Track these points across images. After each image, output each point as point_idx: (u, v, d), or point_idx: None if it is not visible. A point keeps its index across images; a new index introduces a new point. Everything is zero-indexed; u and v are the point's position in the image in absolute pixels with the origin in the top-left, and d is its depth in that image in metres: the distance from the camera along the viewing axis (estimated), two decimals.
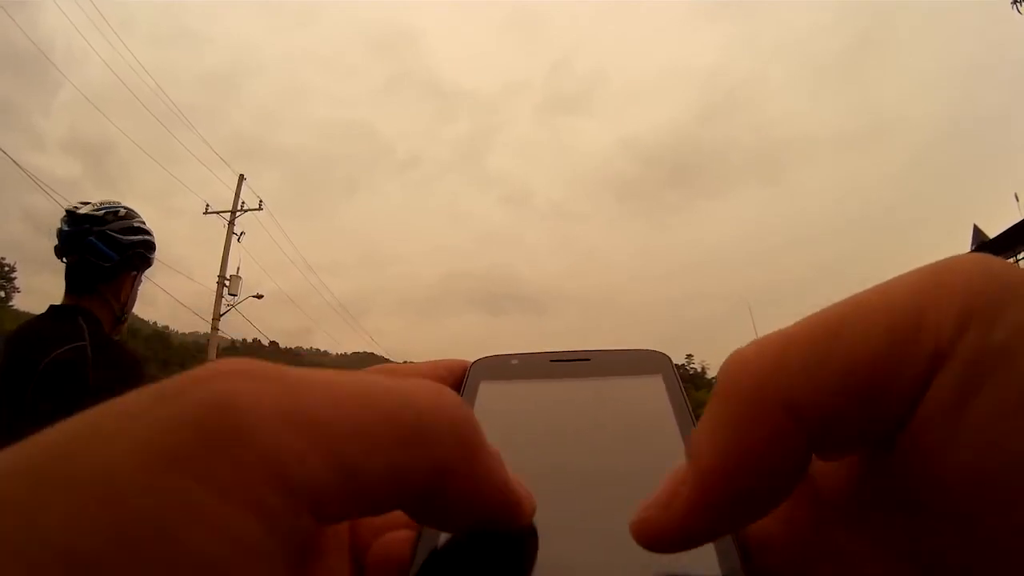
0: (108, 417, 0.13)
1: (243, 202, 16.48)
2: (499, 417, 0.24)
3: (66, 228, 1.50)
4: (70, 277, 1.49)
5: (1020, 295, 0.13)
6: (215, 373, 0.14)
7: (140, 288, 1.62)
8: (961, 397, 0.13)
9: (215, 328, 15.38)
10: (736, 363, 0.15)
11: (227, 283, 15.51)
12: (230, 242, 15.86)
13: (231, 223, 16.03)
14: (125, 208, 1.59)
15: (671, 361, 0.27)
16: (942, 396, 0.13)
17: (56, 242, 1.51)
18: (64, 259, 1.50)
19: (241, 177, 16.65)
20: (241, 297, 15.89)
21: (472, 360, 0.27)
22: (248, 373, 0.14)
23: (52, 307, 1.48)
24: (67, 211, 1.53)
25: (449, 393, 0.16)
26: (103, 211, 1.53)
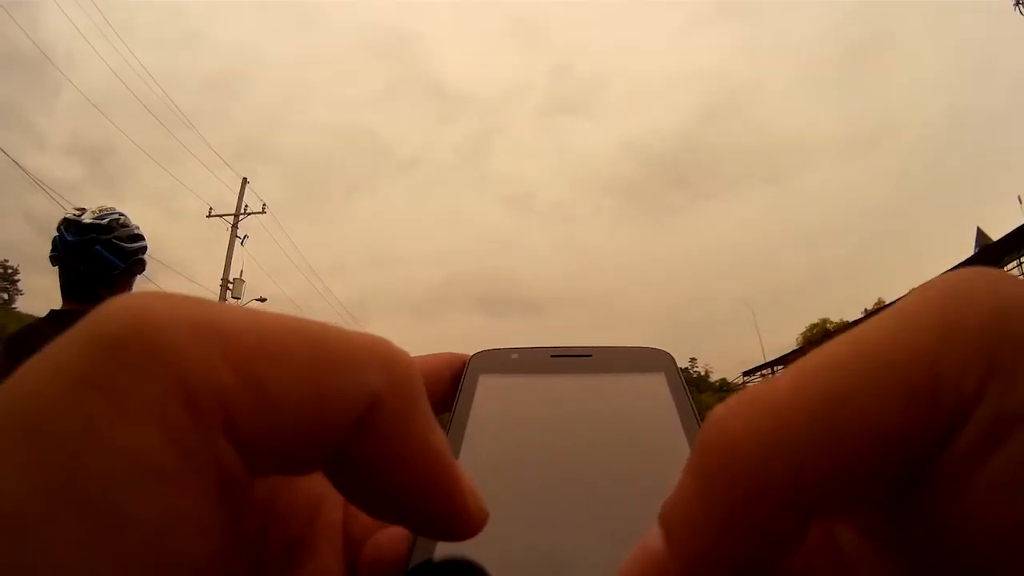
0: (34, 356, 0.12)
1: (246, 205, 16.54)
2: (498, 411, 0.24)
3: (70, 238, 1.49)
4: (72, 284, 1.48)
5: None
6: (132, 295, 0.13)
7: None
8: (979, 456, 0.12)
9: None
10: (724, 439, 0.13)
11: (230, 286, 15.54)
12: (233, 245, 15.89)
13: (234, 226, 16.06)
14: (121, 214, 1.59)
15: (673, 359, 0.26)
16: (961, 453, 0.12)
17: (54, 249, 1.50)
18: (61, 266, 1.49)
19: (244, 180, 16.71)
20: (244, 301, 15.90)
21: (471, 353, 0.27)
22: (165, 294, 0.13)
23: (53, 312, 1.47)
24: (68, 220, 1.52)
25: (391, 343, 0.15)
26: (107, 219, 1.53)
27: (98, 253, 1.48)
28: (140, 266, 1.59)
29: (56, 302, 1.50)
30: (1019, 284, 0.13)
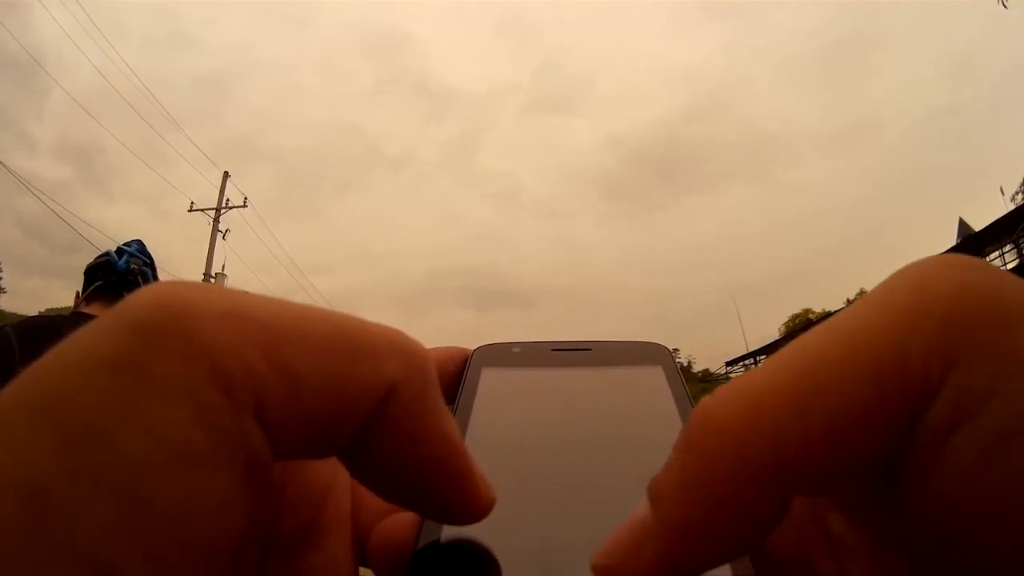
0: (64, 339, 0.12)
1: (228, 199, 16.30)
2: (501, 404, 0.24)
3: (143, 268, 1.61)
4: (106, 290, 1.55)
5: (1009, 322, 0.13)
6: (160, 283, 0.13)
7: None
8: (945, 434, 0.13)
9: None
10: (710, 422, 0.14)
11: (212, 280, 15.33)
12: (215, 239, 15.68)
13: (216, 220, 15.85)
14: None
15: (671, 353, 0.27)
16: (928, 433, 0.13)
17: (101, 262, 1.59)
18: (99, 275, 1.57)
19: (226, 174, 16.48)
20: None
21: (474, 348, 0.27)
22: (193, 283, 0.14)
23: (78, 314, 1.52)
24: (137, 255, 1.62)
25: (408, 334, 0.16)
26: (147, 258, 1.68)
27: (147, 276, 1.61)
28: None
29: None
30: (985, 270, 0.13)
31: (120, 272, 1.56)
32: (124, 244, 1.65)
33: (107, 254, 1.61)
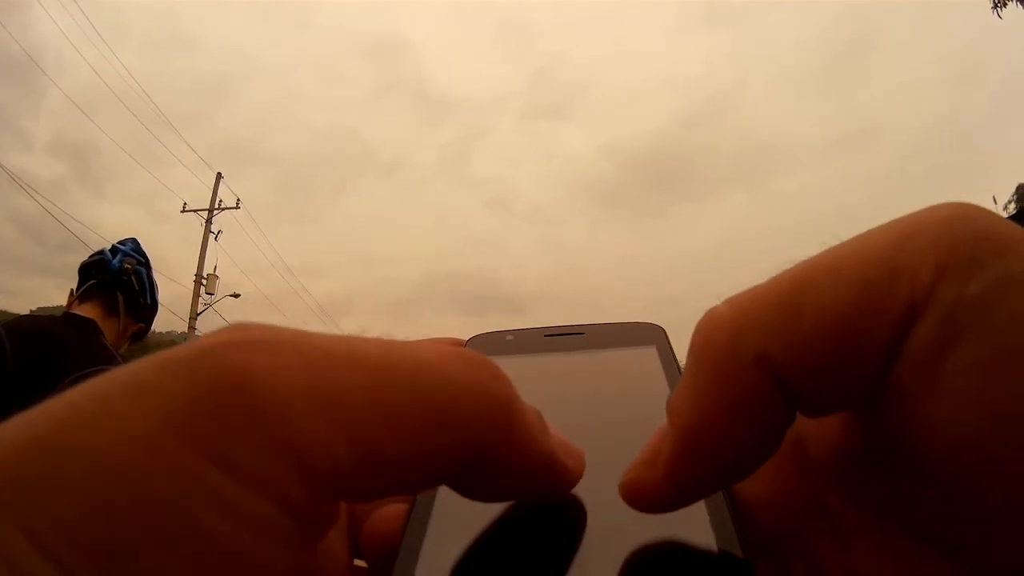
0: (116, 388, 0.12)
1: (220, 200, 16.19)
2: None
3: (137, 267, 1.58)
4: (97, 290, 1.52)
5: (997, 246, 0.13)
6: (230, 343, 0.12)
7: None
8: (939, 350, 0.12)
9: (192, 327, 15.06)
10: (708, 320, 0.15)
11: (204, 282, 15.21)
12: (207, 241, 15.57)
13: (208, 221, 15.74)
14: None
15: (665, 333, 0.27)
16: (920, 349, 0.13)
17: (96, 259, 1.56)
18: (93, 274, 1.53)
19: (218, 176, 16.37)
20: (217, 296, 15.59)
21: (467, 337, 0.27)
22: (265, 344, 0.13)
23: (69, 315, 1.48)
24: (115, 246, 1.60)
25: (479, 360, 0.15)
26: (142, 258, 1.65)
27: (140, 275, 1.58)
28: (148, 321, 1.64)
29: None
30: (985, 209, 0.14)
31: (113, 271, 1.55)
32: (119, 242, 1.63)
33: (101, 252, 1.59)
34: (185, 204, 16.40)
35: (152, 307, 1.64)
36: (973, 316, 0.12)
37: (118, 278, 1.53)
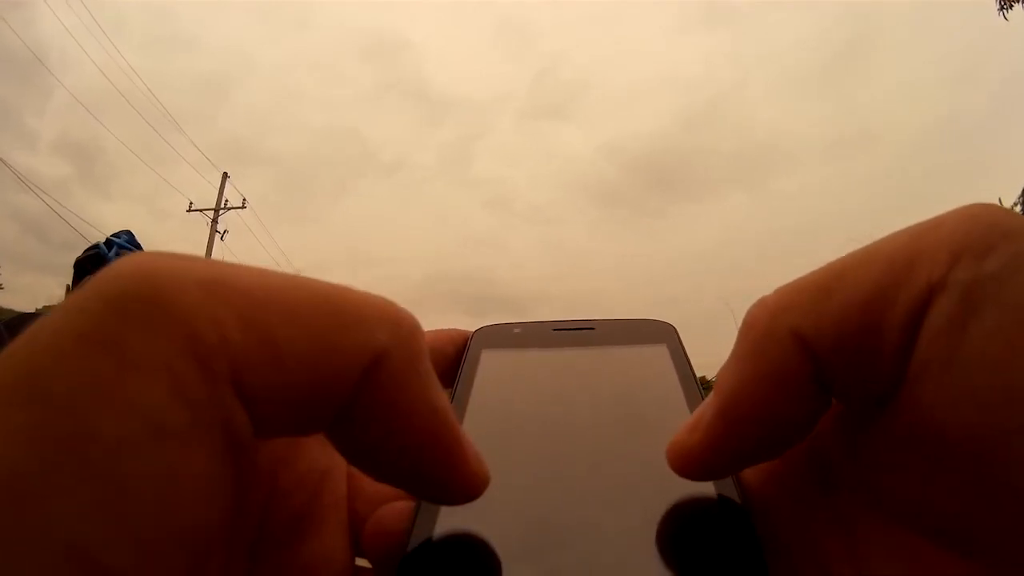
0: (40, 320, 0.12)
1: (226, 199, 16.37)
2: (501, 385, 0.24)
3: (117, 246, 1.57)
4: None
5: (1011, 233, 0.14)
6: (138, 253, 0.13)
7: None
8: (959, 322, 0.13)
9: None
10: (756, 305, 0.16)
11: None
12: (213, 240, 15.74)
13: (214, 220, 15.90)
14: None
15: (676, 331, 0.26)
16: (940, 322, 0.13)
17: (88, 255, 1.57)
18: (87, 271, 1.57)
19: (224, 175, 16.52)
20: None
21: (474, 329, 0.27)
22: (173, 253, 0.13)
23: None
24: (127, 246, 1.60)
25: (398, 304, 0.15)
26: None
27: None
28: None
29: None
30: (994, 205, 0.15)
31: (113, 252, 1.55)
32: (113, 235, 1.63)
33: (96, 246, 1.59)
34: (191, 204, 16.60)
35: None
36: (990, 290, 0.13)
37: None
